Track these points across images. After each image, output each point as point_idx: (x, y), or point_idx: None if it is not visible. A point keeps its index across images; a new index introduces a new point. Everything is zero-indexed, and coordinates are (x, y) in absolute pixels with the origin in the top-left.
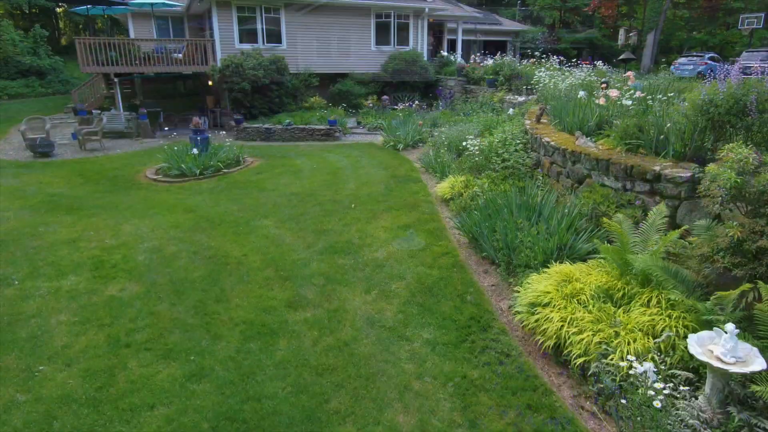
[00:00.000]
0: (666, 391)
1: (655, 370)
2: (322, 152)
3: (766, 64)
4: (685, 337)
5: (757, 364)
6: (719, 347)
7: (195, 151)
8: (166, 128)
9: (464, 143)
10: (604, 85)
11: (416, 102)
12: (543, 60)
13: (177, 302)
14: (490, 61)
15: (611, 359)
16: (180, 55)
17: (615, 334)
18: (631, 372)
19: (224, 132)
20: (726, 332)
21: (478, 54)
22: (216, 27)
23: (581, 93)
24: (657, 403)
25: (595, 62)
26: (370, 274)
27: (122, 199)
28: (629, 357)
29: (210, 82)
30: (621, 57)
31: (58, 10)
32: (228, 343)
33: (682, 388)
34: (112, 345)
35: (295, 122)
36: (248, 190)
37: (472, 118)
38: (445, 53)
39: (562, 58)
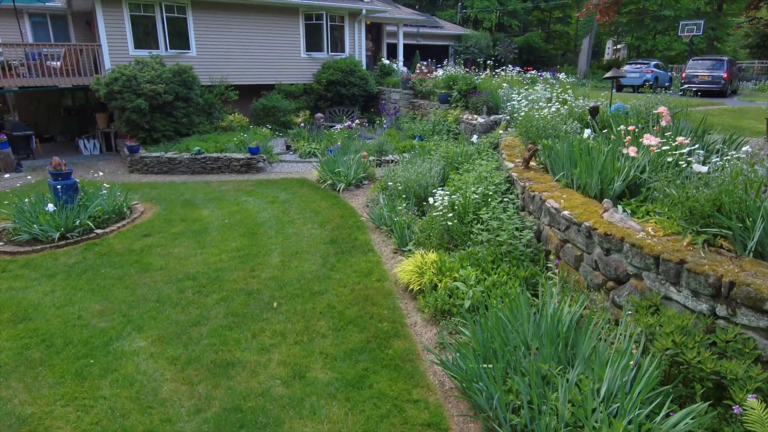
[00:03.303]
0: None
1: None
2: (240, 194)
3: (713, 72)
4: None
5: None
6: None
7: (51, 207)
8: (39, 158)
9: (430, 199)
10: (631, 129)
11: (356, 120)
12: (500, 71)
13: None
14: (440, 72)
15: None
16: (57, 63)
17: None
18: None
19: (101, 173)
20: None
21: (425, 63)
22: (102, 29)
23: (587, 132)
24: None
25: (558, 74)
26: None
27: None
28: None
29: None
30: (607, 75)
31: None
32: None
33: None
34: None
35: (208, 149)
36: (125, 270)
37: (429, 145)
38: (386, 60)
39: (519, 69)
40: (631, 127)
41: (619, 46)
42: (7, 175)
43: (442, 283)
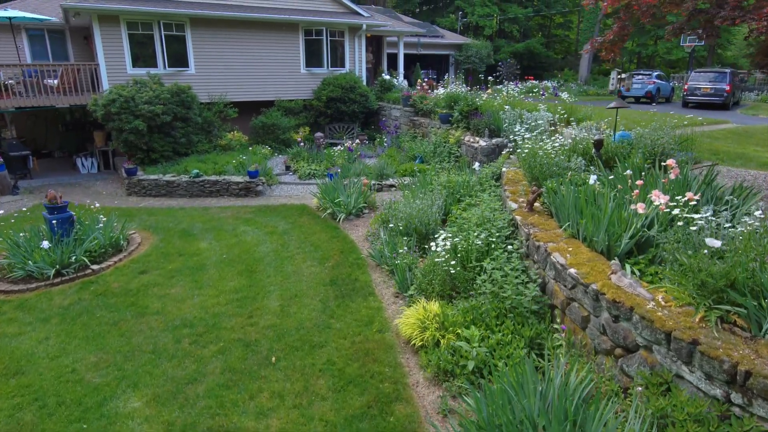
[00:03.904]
0: None
1: None
2: (238, 223)
3: (715, 84)
4: None
5: None
6: None
7: (46, 244)
8: (36, 178)
9: (432, 244)
10: (640, 183)
11: (357, 140)
12: (502, 88)
13: None
14: (441, 90)
15: None
16: (54, 81)
17: None
18: None
19: (97, 204)
20: None
21: (426, 78)
22: (100, 48)
23: (592, 178)
24: None
25: (559, 93)
26: None
27: None
28: None
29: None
30: (611, 105)
31: None
32: None
33: None
34: None
35: (206, 171)
36: (121, 314)
37: (431, 173)
38: (386, 74)
39: (521, 88)
40: (639, 182)
41: (623, 75)
42: (3, 198)
43: (445, 339)
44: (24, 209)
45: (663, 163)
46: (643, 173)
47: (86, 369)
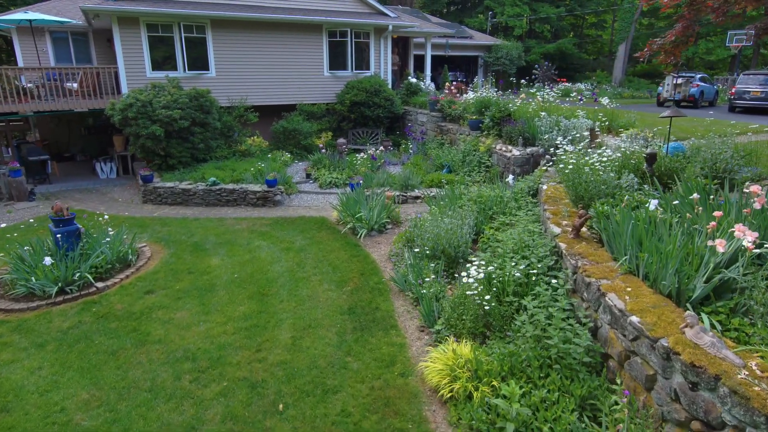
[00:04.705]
0: None
1: None
2: (253, 237)
3: (767, 88)
4: None
5: None
6: None
7: (48, 260)
8: (55, 182)
9: (463, 274)
10: (718, 215)
11: (381, 146)
12: (536, 92)
13: None
14: (470, 95)
15: None
16: (74, 85)
17: None
18: None
19: (106, 216)
20: None
21: (454, 82)
22: (119, 51)
23: (653, 203)
24: None
25: (599, 98)
26: None
27: None
28: None
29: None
30: (665, 114)
31: None
32: None
33: None
34: None
35: (224, 179)
36: (120, 341)
37: (459, 187)
38: (413, 77)
39: (557, 92)
40: (717, 213)
41: (679, 81)
42: (19, 205)
43: (479, 392)
44: (31, 220)
45: (745, 190)
46: (711, 196)
47: (76, 408)
